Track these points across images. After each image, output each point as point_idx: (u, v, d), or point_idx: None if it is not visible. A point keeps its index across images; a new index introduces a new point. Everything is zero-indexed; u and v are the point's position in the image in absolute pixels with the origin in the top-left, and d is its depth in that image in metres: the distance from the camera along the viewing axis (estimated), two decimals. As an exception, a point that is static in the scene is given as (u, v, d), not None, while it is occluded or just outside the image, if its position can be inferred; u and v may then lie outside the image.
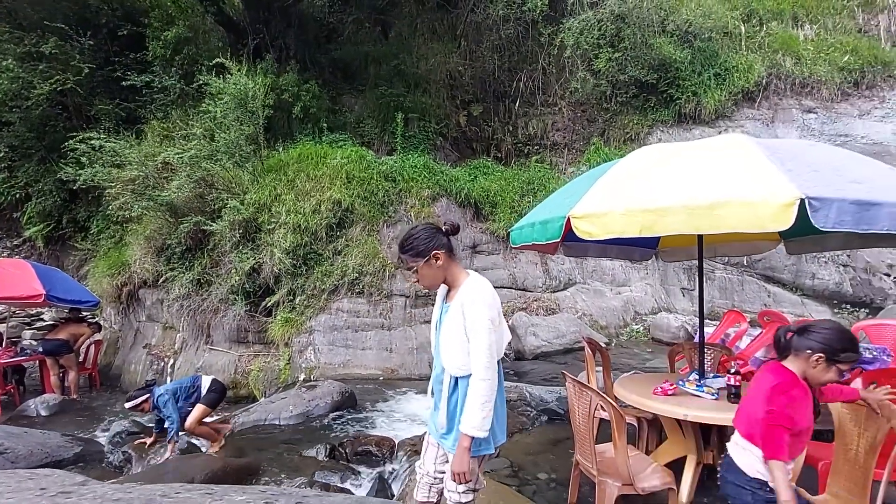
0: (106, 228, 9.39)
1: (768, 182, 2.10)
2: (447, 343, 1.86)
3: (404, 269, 1.92)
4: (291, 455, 4.04)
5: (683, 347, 3.97)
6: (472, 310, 1.79)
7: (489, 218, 8.78)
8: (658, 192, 2.36)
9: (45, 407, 6.36)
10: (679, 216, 2.20)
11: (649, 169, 2.59)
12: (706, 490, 2.98)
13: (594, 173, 2.95)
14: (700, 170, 2.38)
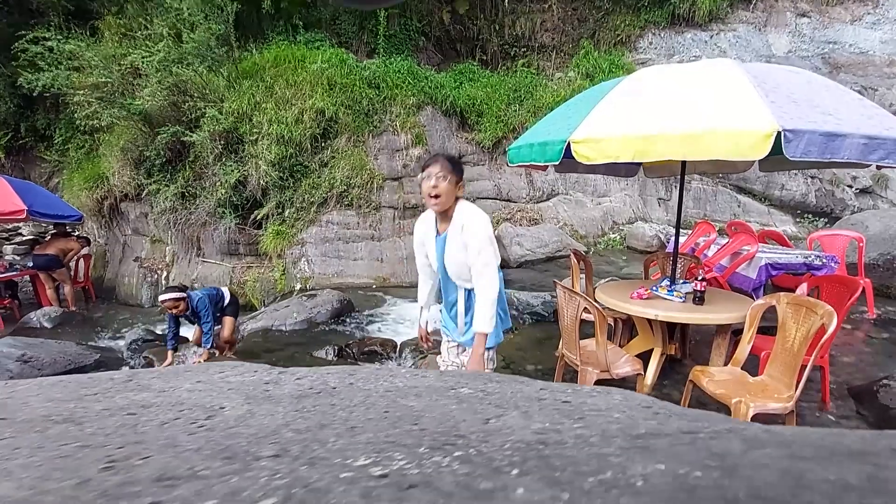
0: (72, 138, 8.94)
1: (752, 113, 2.27)
2: (457, 264, 2.10)
3: (437, 172, 2.00)
4: (302, 356, 4.46)
5: (658, 257, 4.36)
6: (474, 229, 2.03)
7: (475, 128, 8.70)
8: (652, 118, 2.50)
9: (47, 319, 6.56)
10: (670, 143, 2.38)
11: (645, 94, 2.70)
12: (665, 375, 3.53)
13: (593, 95, 3.03)
14: (691, 98, 2.51)
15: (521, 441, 0.49)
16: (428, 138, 8.02)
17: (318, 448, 0.51)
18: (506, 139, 8.67)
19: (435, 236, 2.18)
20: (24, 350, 4.57)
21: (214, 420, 0.60)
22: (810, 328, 2.67)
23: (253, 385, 0.76)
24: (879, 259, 5.41)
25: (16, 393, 0.73)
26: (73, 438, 0.55)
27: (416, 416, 0.58)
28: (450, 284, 2.23)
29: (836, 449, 0.44)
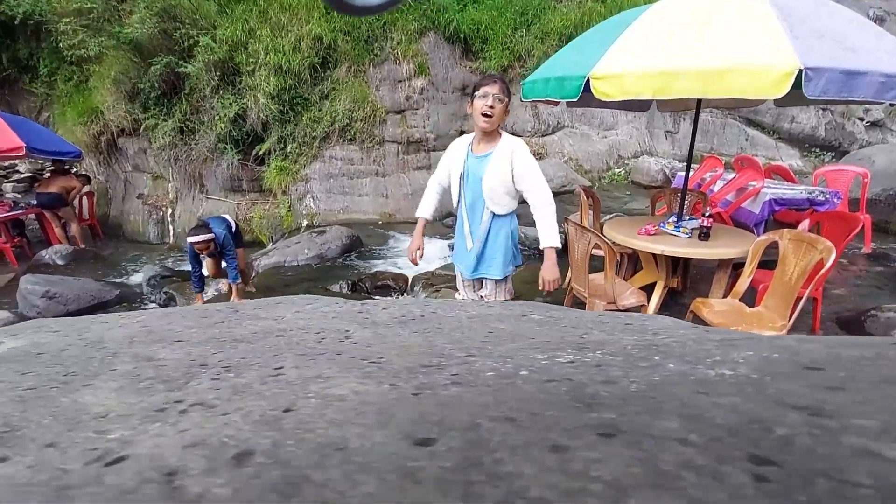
0: (58, 69, 8.54)
1: (774, 49, 2.23)
2: (494, 185, 2.17)
3: (493, 91, 2.06)
4: (318, 289, 4.63)
5: (665, 193, 4.42)
6: (524, 157, 2.15)
7: (479, 56, 8.33)
8: (673, 53, 2.45)
9: (59, 257, 6.68)
10: (690, 81, 2.35)
11: (666, 27, 2.61)
12: (667, 306, 3.71)
13: (613, 26, 2.92)
14: (714, 32, 2.44)
15: (635, 345, 0.60)
16: (431, 67, 7.72)
17: (495, 349, 0.61)
18: (511, 68, 8.34)
19: (469, 156, 2.24)
20: (47, 287, 4.73)
21: (358, 337, 0.70)
22: (809, 262, 2.80)
23: (350, 315, 0.86)
24: (882, 194, 5.47)
25: (167, 323, 0.84)
26: (307, 348, 0.65)
27: (520, 335, 0.68)
28: (476, 209, 2.27)
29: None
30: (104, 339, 0.76)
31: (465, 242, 2.41)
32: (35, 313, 4.65)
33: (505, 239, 2.27)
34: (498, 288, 2.36)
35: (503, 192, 2.18)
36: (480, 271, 2.35)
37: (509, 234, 2.27)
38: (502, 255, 2.27)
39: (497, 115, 2.10)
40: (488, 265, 2.32)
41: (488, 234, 2.27)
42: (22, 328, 0.93)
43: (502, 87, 2.08)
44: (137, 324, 0.88)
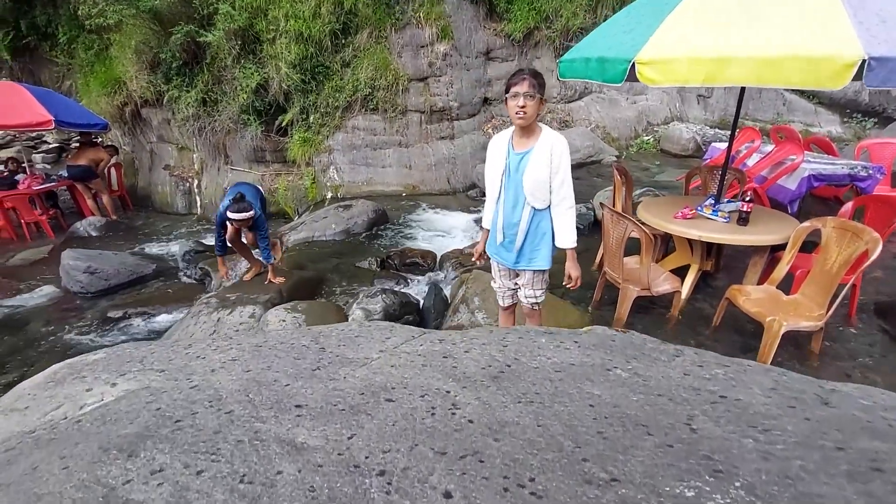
0: (77, 37, 8.48)
1: (836, 35, 2.10)
2: (534, 182, 2.18)
3: (525, 90, 2.04)
4: (347, 266, 4.72)
5: (700, 170, 4.30)
6: (561, 153, 2.15)
7: (504, 17, 8.00)
8: (726, 37, 2.32)
9: (93, 228, 6.88)
10: (742, 68, 2.24)
11: (720, 8, 2.47)
12: (698, 288, 3.70)
13: (661, 2, 2.77)
14: (770, 14, 2.30)
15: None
16: (454, 31, 7.44)
17: (618, 457, 0.63)
18: (538, 29, 8.00)
19: (509, 151, 2.25)
20: (88, 262, 4.91)
21: (469, 411, 0.73)
22: (853, 253, 2.74)
23: (437, 362, 0.89)
24: (929, 168, 5.23)
25: (265, 366, 0.89)
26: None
27: (625, 416, 0.71)
28: (516, 204, 2.28)
29: None
30: (217, 391, 0.81)
31: (496, 236, 2.43)
32: (78, 288, 4.86)
33: (546, 231, 2.29)
34: (536, 278, 2.40)
35: (544, 187, 2.19)
36: (522, 264, 2.38)
37: (550, 227, 2.28)
38: (546, 246, 2.32)
39: (531, 111, 2.09)
40: (531, 258, 2.35)
41: (529, 228, 2.28)
42: (128, 365, 1.00)
43: (532, 83, 2.05)
44: (236, 364, 0.94)
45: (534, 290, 2.42)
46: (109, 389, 0.80)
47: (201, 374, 0.89)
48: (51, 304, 4.76)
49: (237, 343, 1.00)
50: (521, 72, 2.09)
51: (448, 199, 6.92)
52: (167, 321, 4.23)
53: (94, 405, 0.70)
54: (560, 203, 2.20)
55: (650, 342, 1.01)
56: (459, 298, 3.43)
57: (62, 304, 4.79)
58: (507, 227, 2.37)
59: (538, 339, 1.00)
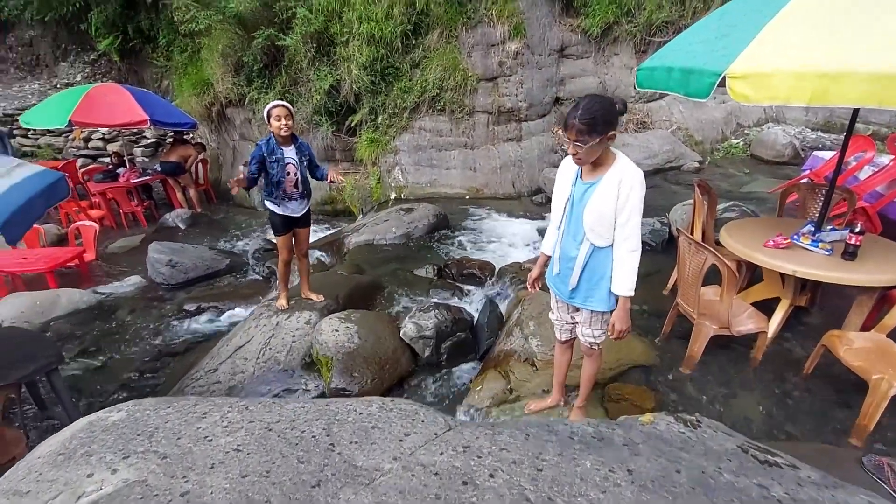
0: (174, 40, 9.21)
1: None
2: (596, 217, 1.98)
3: (572, 138, 1.86)
4: (405, 273, 4.71)
5: (799, 189, 3.78)
6: (631, 189, 1.90)
7: (581, 12, 7.58)
8: (840, 48, 1.96)
9: (180, 220, 7.45)
10: (861, 85, 1.88)
11: (832, 12, 2.09)
12: (788, 325, 3.25)
13: (764, 4, 2.41)
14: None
15: None
16: (527, 28, 7.17)
17: None
18: (617, 24, 7.51)
19: (577, 180, 2.07)
20: (170, 256, 5.30)
21: None
22: None
23: (450, 482, 0.78)
24: None
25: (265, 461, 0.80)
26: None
27: None
28: (576, 238, 2.10)
29: None
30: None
31: (553, 266, 2.25)
32: (161, 279, 5.27)
33: (605, 274, 2.05)
34: (594, 318, 2.18)
35: (607, 224, 1.97)
36: (578, 300, 2.19)
37: (610, 269, 2.04)
38: (605, 289, 2.07)
39: (585, 157, 1.90)
40: (585, 296, 2.15)
41: (586, 265, 2.08)
42: (137, 440, 0.97)
43: (580, 129, 1.82)
44: (237, 460, 0.87)
45: (591, 329, 2.22)
46: (109, 477, 0.78)
47: (199, 471, 0.84)
48: (137, 293, 5.20)
49: (249, 420, 0.95)
50: (572, 114, 1.84)
51: (512, 203, 6.72)
52: (233, 317, 4.47)
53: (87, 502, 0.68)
54: (622, 243, 1.96)
55: (731, 455, 0.81)
56: (514, 321, 3.28)
57: (147, 293, 5.22)
58: (564, 260, 2.18)
59: (582, 460, 0.85)
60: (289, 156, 3.15)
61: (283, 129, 3.07)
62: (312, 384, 3.21)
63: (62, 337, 4.39)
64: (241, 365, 3.33)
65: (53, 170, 2.70)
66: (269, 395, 3.18)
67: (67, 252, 5.69)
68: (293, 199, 3.28)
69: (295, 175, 3.20)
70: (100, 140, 10.52)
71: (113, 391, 3.67)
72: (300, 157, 3.23)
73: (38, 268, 5.20)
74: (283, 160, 3.13)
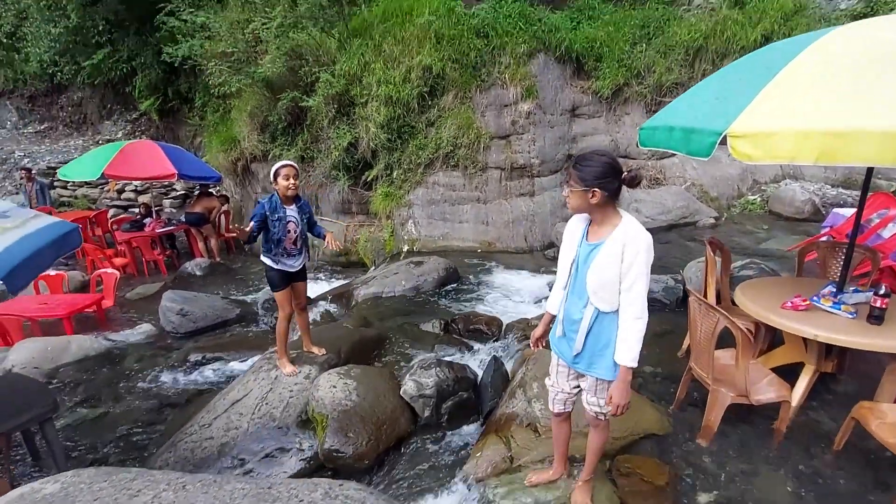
0: (209, 101, 9.85)
1: None
2: (599, 281, 1.90)
3: (564, 180, 1.95)
4: (411, 327, 4.62)
5: (819, 247, 3.64)
6: (636, 252, 1.82)
7: (592, 75, 7.85)
8: (848, 106, 1.93)
9: (199, 269, 7.61)
10: (872, 143, 1.83)
11: (841, 69, 2.08)
12: (815, 393, 3.01)
13: (762, 64, 2.42)
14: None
15: None
16: (539, 90, 7.43)
17: None
18: (627, 85, 7.73)
19: (583, 240, 2.01)
20: (182, 304, 5.36)
21: None
22: None
23: None
24: None
25: None
26: None
27: None
28: (580, 299, 2.01)
29: None
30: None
31: (557, 328, 2.15)
32: (171, 327, 5.31)
33: (610, 342, 1.94)
34: (600, 386, 2.04)
35: (611, 288, 1.87)
36: (581, 366, 2.07)
37: (616, 333, 1.93)
38: (611, 354, 1.95)
39: (573, 203, 1.91)
40: (590, 363, 2.03)
41: (590, 330, 1.97)
42: None
43: (571, 173, 1.88)
44: None
45: (597, 397, 2.07)
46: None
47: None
48: (146, 341, 5.23)
49: (181, 503, 0.88)
50: (574, 162, 1.89)
51: (524, 257, 6.67)
52: (237, 369, 4.41)
53: None
54: (626, 308, 1.86)
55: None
56: (518, 381, 3.13)
57: (156, 341, 5.25)
58: (568, 323, 2.08)
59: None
60: (291, 214, 3.21)
61: (290, 188, 3.13)
62: (307, 443, 3.09)
63: (68, 384, 4.40)
64: (236, 420, 3.24)
65: (67, 221, 2.80)
66: (260, 454, 3.06)
67: (86, 298, 5.83)
68: (292, 255, 3.31)
69: (295, 232, 3.24)
70: (132, 192, 11.10)
71: (108, 442, 3.60)
72: (301, 216, 3.28)
73: (56, 313, 5.32)
74: (286, 218, 3.18)
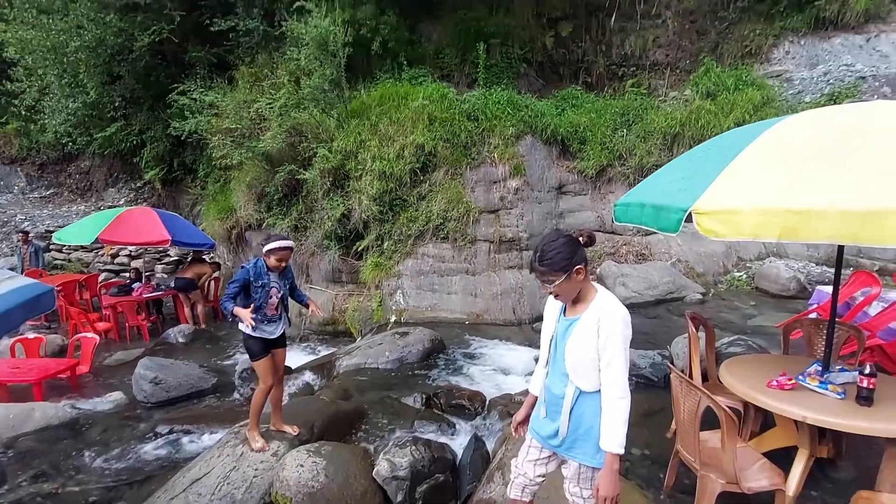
0: (211, 172, 10.22)
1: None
2: (577, 358, 1.83)
3: (540, 280, 1.84)
4: (392, 401, 4.44)
5: (802, 325, 3.62)
6: (611, 328, 1.76)
7: (577, 156, 8.28)
8: (808, 186, 2.02)
9: (182, 335, 7.44)
10: (832, 222, 1.88)
11: (799, 151, 2.20)
12: (812, 481, 2.84)
13: (725, 146, 2.57)
14: (866, 161, 1.98)
15: None
16: (527, 168, 7.78)
17: None
18: (610, 167, 8.12)
19: (560, 316, 1.97)
20: (156, 372, 5.17)
21: None
22: None
23: None
24: None
25: None
26: None
27: None
28: (561, 378, 1.93)
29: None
30: None
31: (540, 409, 2.06)
32: (142, 397, 5.08)
33: (594, 420, 1.84)
34: (583, 474, 1.90)
35: (589, 366, 1.81)
36: (561, 449, 1.95)
37: (599, 415, 1.83)
38: (594, 438, 1.83)
39: (565, 291, 1.83)
40: (571, 445, 1.90)
41: (573, 410, 1.87)
42: None
43: (541, 271, 1.80)
44: None
45: (580, 487, 1.91)
46: None
47: None
48: (115, 410, 4.98)
49: None
50: (533, 258, 1.83)
51: (512, 330, 6.58)
52: (206, 442, 4.16)
53: None
54: (607, 388, 1.78)
55: None
56: (497, 463, 2.96)
57: (125, 411, 4.99)
58: (550, 402, 1.98)
59: None
60: (274, 281, 3.21)
61: (279, 268, 3.16)
62: (268, 530, 2.84)
63: (24, 455, 4.11)
64: (195, 501, 3.00)
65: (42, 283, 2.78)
66: (215, 541, 2.80)
67: (60, 364, 5.64)
68: (272, 321, 3.26)
69: (277, 298, 3.23)
70: (126, 257, 11.15)
71: (52, 526, 3.30)
72: (283, 281, 3.27)
73: (27, 378, 5.12)
74: (269, 285, 3.18)
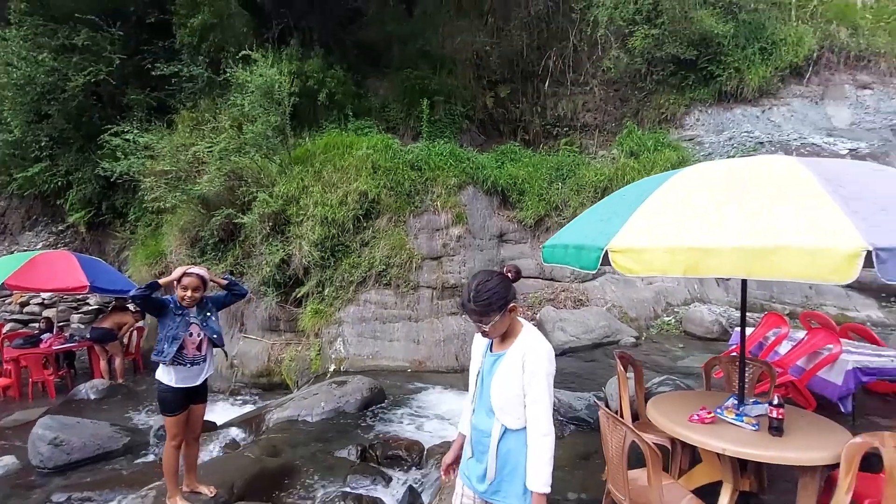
0: (142, 216, 9.70)
1: (829, 227, 1.94)
2: (503, 395, 1.82)
3: (475, 320, 1.81)
4: (325, 455, 4.18)
5: (720, 361, 3.84)
6: (535, 364, 1.76)
7: (516, 206, 8.65)
8: (706, 227, 2.21)
9: (94, 391, 6.74)
10: (728, 258, 2.07)
11: (696, 197, 2.44)
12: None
13: (634, 194, 2.80)
14: (753, 204, 2.22)
15: None
16: (469, 217, 8.01)
17: None
18: (548, 217, 8.52)
19: (487, 351, 1.95)
20: (57, 433, 4.60)
21: None
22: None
23: None
24: None
25: None
26: None
27: None
28: (488, 416, 1.89)
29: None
30: None
31: (467, 449, 2.01)
32: (38, 461, 4.47)
33: (520, 460, 1.80)
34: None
35: (515, 403, 1.79)
36: (487, 494, 1.89)
37: (524, 455, 1.80)
38: (521, 480, 1.79)
39: (498, 328, 1.82)
40: (496, 488, 1.85)
41: (498, 449, 1.83)
42: None
43: (477, 311, 1.79)
44: None
45: None
46: None
47: None
48: (2, 477, 4.33)
49: None
50: (466, 298, 1.82)
51: (455, 377, 6.48)
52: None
53: None
54: (532, 424, 1.76)
55: None
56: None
57: (14, 479, 4.36)
58: (477, 441, 1.93)
59: None
60: (193, 318, 3.02)
61: (185, 300, 2.95)
62: None
63: None
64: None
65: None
66: None
67: (-63, 429, 4.89)
68: (195, 363, 3.02)
69: (199, 336, 3.02)
70: (38, 305, 10.13)
71: None
72: (203, 319, 3.07)
73: None
74: (188, 319, 2.98)
